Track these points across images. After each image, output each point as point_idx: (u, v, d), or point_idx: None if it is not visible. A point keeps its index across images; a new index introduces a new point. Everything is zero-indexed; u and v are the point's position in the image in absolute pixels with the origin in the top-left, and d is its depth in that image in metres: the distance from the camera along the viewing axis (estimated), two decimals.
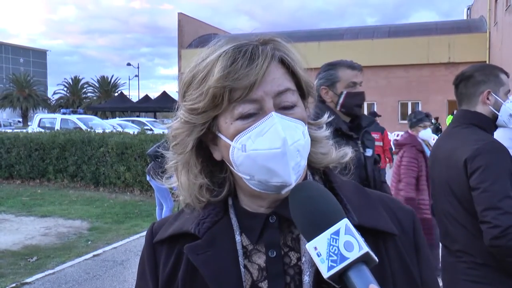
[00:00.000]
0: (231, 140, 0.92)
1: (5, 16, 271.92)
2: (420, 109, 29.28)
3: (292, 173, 0.89)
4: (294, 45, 0.99)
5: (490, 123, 2.37)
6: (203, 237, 0.96)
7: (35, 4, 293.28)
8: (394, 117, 30.91)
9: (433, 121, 24.27)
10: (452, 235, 2.37)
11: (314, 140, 1.00)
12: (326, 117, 1.07)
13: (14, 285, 5.92)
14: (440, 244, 2.60)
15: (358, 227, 0.86)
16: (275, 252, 0.93)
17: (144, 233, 1.09)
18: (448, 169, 2.34)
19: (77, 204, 10.81)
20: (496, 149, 2.21)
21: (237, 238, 0.96)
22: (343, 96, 2.86)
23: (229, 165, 0.96)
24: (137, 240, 7.80)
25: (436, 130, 20.15)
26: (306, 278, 0.90)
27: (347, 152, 1.06)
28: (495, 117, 2.37)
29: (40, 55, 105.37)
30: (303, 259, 0.92)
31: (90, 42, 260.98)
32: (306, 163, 0.95)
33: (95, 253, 7.21)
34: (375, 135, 9.68)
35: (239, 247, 0.95)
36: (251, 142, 0.89)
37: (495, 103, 2.35)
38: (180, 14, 36.59)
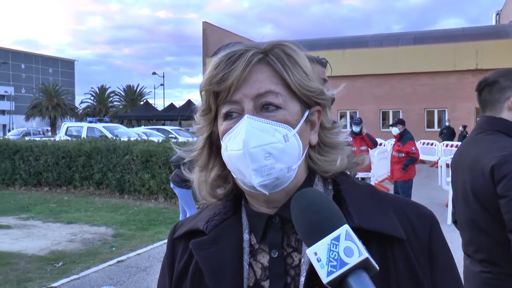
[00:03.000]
0: (222, 139, 0.97)
1: (36, 28, 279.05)
2: (446, 117, 28.87)
3: (253, 174, 0.90)
4: (317, 53, 1.01)
5: None
6: (209, 234, 0.99)
7: (64, 16, 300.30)
8: (420, 125, 30.49)
9: (460, 128, 24.03)
10: (476, 244, 2.30)
11: (327, 146, 1.02)
12: (342, 122, 1.09)
13: None
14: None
15: (362, 231, 0.87)
16: (277, 253, 0.95)
17: None
18: (473, 176, 2.27)
19: (102, 211, 10.96)
20: None
21: (246, 236, 0.99)
22: None
23: None
24: (161, 247, 7.84)
25: (463, 138, 19.83)
26: (302, 279, 0.91)
27: (365, 158, 1.06)
28: None
29: (68, 65, 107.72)
30: (302, 260, 0.93)
31: (116, 51, 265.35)
32: (293, 167, 0.94)
33: (119, 259, 7.28)
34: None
35: (246, 245, 0.98)
36: (230, 143, 0.94)
37: None
38: (204, 23, 36.95)
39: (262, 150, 0.90)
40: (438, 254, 0.97)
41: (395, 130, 9.81)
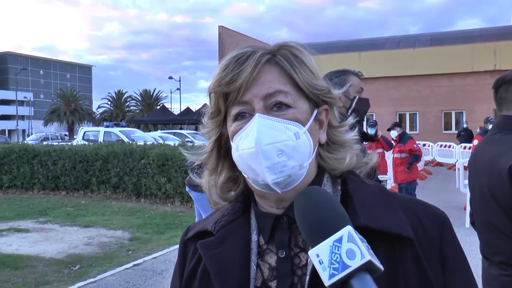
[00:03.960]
0: (232, 141, 0.98)
1: (54, 34, 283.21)
2: (464, 119, 28.50)
3: (266, 172, 0.91)
4: (333, 56, 1.00)
5: None
6: (217, 235, 1.01)
7: (81, 22, 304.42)
8: (438, 127, 30.18)
9: (478, 130, 23.67)
10: (494, 246, 2.25)
11: (336, 144, 1.03)
12: (350, 120, 1.08)
13: None
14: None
15: (369, 230, 0.86)
16: (284, 253, 0.95)
17: None
18: (490, 177, 2.22)
19: (119, 215, 11.03)
20: None
21: (254, 237, 0.99)
22: (355, 101, 2.92)
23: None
24: (177, 251, 7.80)
25: None
26: (307, 279, 0.90)
27: (373, 157, 1.06)
28: None
29: (85, 70, 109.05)
30: (309, 260, 0.92)
31: (133, 56, 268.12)
32: (305, 164, 0.95)
33: (135, 262, 7.30)
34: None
35: (254, 245, 0.98)
36: (242, 143, 0.94)
37: None
38: (220, 27, 37.08)
39: (274, 147, 0.91)
40: (450, 255, 0.95)
41: (394, 133, 9.98)
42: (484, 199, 2.27)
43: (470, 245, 5.52)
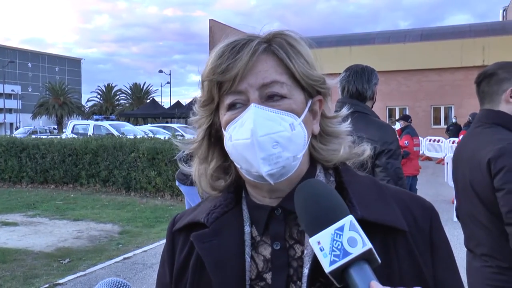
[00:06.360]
0: (225, 130, 0.96)
1: (43, 27, 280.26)
2: (453, 113, 28.70)
3: (261, 163, 0.90)
4: (323, 50, 0.99)
5: None
6: (211, 226, 0.98)
7: (70, 14, 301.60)
8: (427, 121, 30.37)
9: (462, 126, 23.87)
10: (476, 238, 2.28)
11: (329, 135, 1.02)
12: (344, 111, 1.07)
13: (47, 285, 6.06)
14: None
15: (365, 222, 0.86)
16: (279, 245, 0.94)
17: None
18: (471, 170, 2.25)
19: (109, 208, 10.99)
20: None
21: (247, 229, 0.98)
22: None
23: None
24: None
25: None
26: (306, 271, 0.90)
27: (366, 149, 1.05)
28: None
29: (74, 63, 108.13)
30: (305, 251, 0.92)
31: (123, 50, 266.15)
32: (299, 156, 0.94)
33: (125, 256, 7.30)
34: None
35: (247, 237, 0.97)
36: (235, 133, 0.93)
37: None
38: (211, 21, 36.91)
39: (270, 138, 0.90)
40: (438, 245, 0.96)
41: (397, 126, 9.85)
42: (466, 192, 2.30)
43: (458, 238, 5.59)
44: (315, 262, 0.85)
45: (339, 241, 0.78)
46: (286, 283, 0.91)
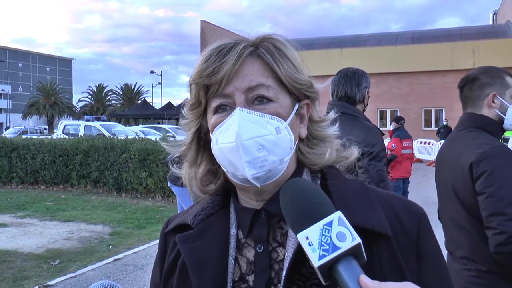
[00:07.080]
0: (212, 133, 0.97)
1: (34, 26, 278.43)
2: (444, 116, 28.87)
3: (246, 167, 0.90)
4: (315, 52, 0.99)
5: (496, 126, 2.29)
6: (195, 228, 1.00)
7: (61, 14, 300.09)
8: (418, 124, 30.51)
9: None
10: (456, 241, 2.29)
11: (316, 139, 1.02)
12: (332, 115, 1.07)
13: (37, 287, 6.02)
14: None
15: None
16: (262, 247, 0.95)
17: None
18: (453, 173, 2.26)
19: (100, 209, 10.94)
20: (502, 153, 2.12)
21: (233, 231, 0.99)
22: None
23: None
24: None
25: None
26: (284, 274, 0.90)
27: (353, 152, 1.05)
28: (502, 120, 2.28)
29: (65, 63, 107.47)
30: (286, 254, 0.92)
31: (115, 50, 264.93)
32: (285, 159, 0.94)
33: (116, 257, 7.27)
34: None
35: (233, 240, 0.97)
36: (222, 136, 0.93)
37: (500, 106, 2.27)
38: (203, 22, 36.88)
39: (255, 142, 0.90)
40: (425, 249, 0.95)
41: (391, 127, 9.95)
42: (448, 195, 2.31)
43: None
44: (293, 266, 0.86)
45: (328, 236, 0.77)
46: (266, 285, 0.92)
